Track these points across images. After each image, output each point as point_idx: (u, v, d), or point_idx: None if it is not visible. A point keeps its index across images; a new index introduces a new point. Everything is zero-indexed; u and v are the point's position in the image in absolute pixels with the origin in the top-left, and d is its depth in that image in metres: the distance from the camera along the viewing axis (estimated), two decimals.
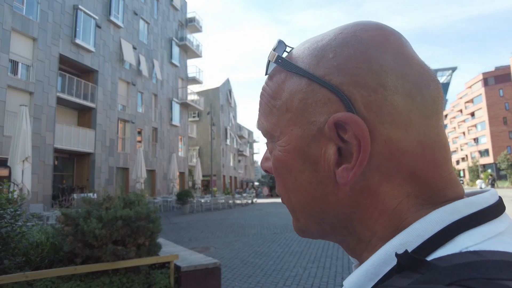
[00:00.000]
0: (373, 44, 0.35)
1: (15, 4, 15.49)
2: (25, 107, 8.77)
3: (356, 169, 0.33)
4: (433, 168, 0.34)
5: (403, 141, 0.33)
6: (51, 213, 11.01)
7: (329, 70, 0.35)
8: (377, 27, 0.37)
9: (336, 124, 0.34)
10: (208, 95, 42.00)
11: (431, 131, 0.35)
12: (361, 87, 0.34)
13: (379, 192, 0.34)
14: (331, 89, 0.35)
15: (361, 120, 0.33)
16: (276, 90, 0.40)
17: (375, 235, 0.35)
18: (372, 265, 0.32)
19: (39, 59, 16.47)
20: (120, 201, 4.78)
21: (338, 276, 5.94)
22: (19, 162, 8.31)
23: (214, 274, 4.96)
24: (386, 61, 0.34)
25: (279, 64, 0.39)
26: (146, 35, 26.52)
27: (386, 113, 0.33)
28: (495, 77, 63.92)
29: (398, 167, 0.34)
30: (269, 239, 9.96)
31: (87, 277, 4.29)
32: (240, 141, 53.79)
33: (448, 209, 0.32)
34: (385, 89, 0.33)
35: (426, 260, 0.28)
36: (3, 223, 4.31)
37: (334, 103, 0.34)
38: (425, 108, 0.34)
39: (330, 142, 0.35)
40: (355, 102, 0.34)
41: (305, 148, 0.37)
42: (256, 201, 31.25)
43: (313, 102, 0.36)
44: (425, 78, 0.36)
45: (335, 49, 0.36)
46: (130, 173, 21.92)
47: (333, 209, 0.37)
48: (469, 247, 0.29)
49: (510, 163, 51.85)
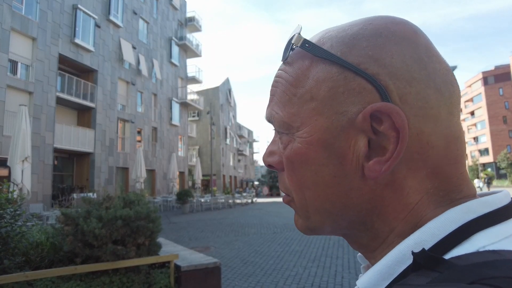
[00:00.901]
0: (406, 37, 0.35)
1: (14, 3, 15.47)
2: (24, 107, 8.76)
3: (391, 161, 0.32)
4: (454, 164, 0.34)
5: (433, 135, 0.33)
6: (51, 213, 11.01)
7: (363, 59, 0.34)
8: (406, 22, 0.37)
9: (372, 115, 0.33)
10: (208, 95, 41.98)
11: (455, 127, 0.35)
12: (396, 79, 0.33)
13: (404, 186, 0.34)
14: (368, 78, 0.33)
15: (401, 111, 0.32)
16: (298, 76, 0.37)
17: (393, 231, 0.35)
18: (386, 264, 0.32)
19: (38, 58, 16.45)
20: (120, 200, 4.78)
21: (338, 275, 5.94)
22: (19, 162, 8.30)
23: (214, 274, 4.96)
24: (419, 55, 0.34)
25: (305, 49, 0.36)
26: (146, 34, 26.50)
27: (419, 106, 0.33)
28: (495, 76, 63.93)
29: (425, 161, 0.33)
30: (269, 239, 9.96)
31: (87, 277, 4.29)
32: (240, 141, 53.78)
33: (463, 208, 0.32)
34: (419, 82, 0.33)
35: (444, 259, 0.28)
36: (3, 223, 4.31)
37: (369, 93, 0.33)
38: (451, 104, 0.35)
39: (361, 133, 0.34)
40: (391, 93, 0.33)
41: (331, 140, 0.35)
42: (256, 200, 31.25)
43: (345, 91, 0.34)
44: (450, 76, 0.36)
45: (368, 39, 0.35)
46: (130, 172, 21.91)
47: (355, 204, 0.35)
48: (486, 246, 0.28)
49: (510, 162, 51.91)
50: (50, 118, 16.84)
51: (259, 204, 26.91)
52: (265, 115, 0.42)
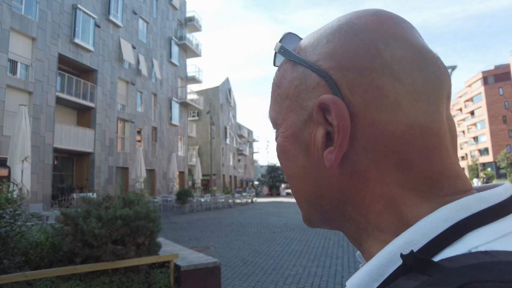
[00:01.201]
0: (365, 29, 0.35)
1: (14, 3, 15.46)
2: (24, 107, 8.75)
3: (337, 151, 0.33)
4: (425, 157, 0.33)
5: (390, 124, 0.33)
6: (50, 213, 11.01)
7: (320, 56, 0.36)
8: (374, 12, 0.37)
9: (321, 107, 0.35)
10: (208, 94, 41.98)
11: (423, 117, 0.33)
12: (347, 71, 0.34)
13: (368, 177, 0.34)
14: (319, 74, 0.36)
15: (340, 101, 0.33)
16: (280, 79, 0.41)
17: (370, 223, 0.34)
18: (376, 265, 0.31)
19: (38, 58, 16.45)
20: (120, 200, 4.78)
21: (338, 275, 5.94)
22: (19, 162, 8.29)
23: (214, 273, 4.96)
24: (375, 44, 0.34)
25: (281, 54, 0.41)
26: (146, 34, 26.49)
27: (371, 96, 0.33)
28: (495, 76, 63.98)
29: (385, 151, 0.33)
30: (269, 238, 9.97)
31: (87, 277, 4.29)
32: (240, 140, 53.77)
33: (457, 205, 0.30)
34: (371, 72, 0.33)
35: (433, 261, 0.27)
36: (3, 223, 4.31)
37: (322, 87, 0.35)
38: (417, 92, 0.33)
39: (319, 125, 0.36)
40: (341, 86, 0.34)
41: (299, 133, 0.38)
42: (256, 200, 31.25)
43: (305, 88, 0.37)
44: (419, 62, 0.34)
45: (328, 36, 0.37)
46: (130, 172, 21.91)
47: (326, 193, 0.37)
48: (479, 246, 0.27)
49: (509, 162, 51.92)
50: (50, 118, 16.83)
51: (259, 204, 26.91)
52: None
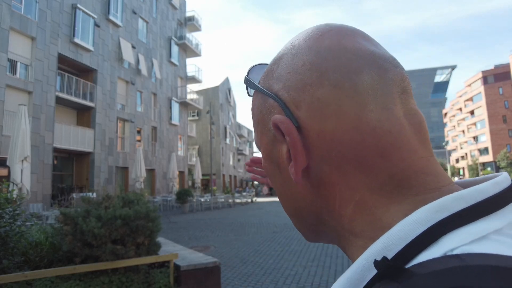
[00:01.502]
0: (302, 48, 0.38)
1: (13, 3, 15.46)
2: (24, 107, 8.75)
3: (295, 164, 0.35)
4: (382, 157, 0.33)
5: (337, 130, 0.34)
6: (50, 213, 11.00)
7: (272, 81, 0.39)
8: (314, 28, 0.40)
9: (276, 127, 0.37)
10: (208, 94, 41.97)
11: (370, 117, 0.33)
12: (292, 90, 0.37)
13: (333, 182, 0.35)
14: (272, 97, 0.38)
15: (285, 119, 0.35)
16: (252, 107, 0.44)
17: (344, 228, 0.35)
18: (356, 271, 0.30)
19: (37, 58, 16.44)
20: (119, 200, 4.78)
21: (338, 274, 5.93)
22: (18, 162, 8.29)
23: (213, 273, 4.96)
24: (310, 60, 0.36)
25: (246, 84, 0.45)
26: (145, 34, 26.48)
27: (314, 108, 0.35)
28: (495, 75, 63.97)
29: (341, 156, 0.34)
30: (269, 238, 9.97)
31: (86, 277, 4.28)
32: (240, 140, 53.77)
33: (433, 207, 0.29)
34: (311, 86, 0.35)
35: (403, 268, 0.26)
36: (2, 223, 4.31)
37: (276, 109, 0.38)
38: (358, 94, 0.34)
39: (282, 143, 0.38)
40: (289, 104, 0.36)
41: (271, 154, 0.40)
42: (256, 200, 31.26)
43: (266, 112, 0.40)
44: (358, 65, 0.35)
45: (277, 61, 0.40)
46: (130, 172, 21.92)
47: (303, 207, 0.39)
48: (455, 249, 0.26)
49: (509, 161, 51.96)
50: (49, 118, 16.82)
51: (259, 203, 26.91)
52: None
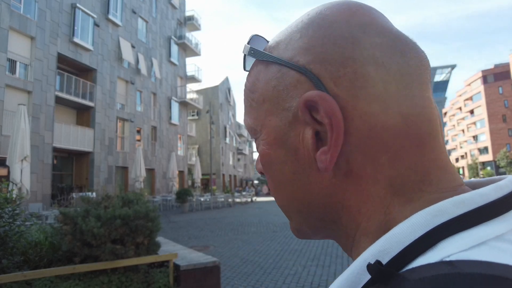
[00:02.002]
0: (337, 19, 0.34)
1: (12, 2, 15.43)
2: (23, 106, 8.75)
3: (332, 150, 0.31)
4: (418, 147, 0.31)
5: (382, 114, 0.31)
6: (50, 212, 11.00)
7: (296, 51, 0.34)
8: (343, 2, 0.36)
9: (307, 105, 0.32)
10: (207, 94, 41.96)
11: (415, 103, 0.32)
12: (328, 63, 0.32)
13: (363, 175, 0.32)
14: (298, 70, 0.33)
15: (328, 96, 0.31)
16: (253, 83, 0.39)
17: (359, 228, 0.33)
18: (352, 273, 0.29)
19: (37, 58, 16.42)
20: (119, 200, 4.77)
21: (338, 274, 5.94)
22: (18, 162, 8.29)
23: (213, 273, 4.96)
24: (352, 33, 0.33)
25: (251, 56, 0.38)
26: (145, 33, 26.46)
27: (358, 87, 0.31)
28: (494, 75, 63.99)
29: (381, 145, 0.31)
30: (268, 237, 9.97)
31: (86, 276, 4.28)
32: (240, 140, 53.78)
33: (433, 210, 0.28)
34: (354, 61, 0.32)
35: (395, 273, 0.26)
36: (2, 223, 4.31)
37: (304, 84, 0.33)
38: (403, 78, 0.32)
39: (306, 126, 0.33)
40: (324, 80, 0.32)
41: (284, 137, 0.35)
42: (256, 199, 31.29)
43: (284, 87, 0.34)
44: (399, 47, 0.33)
45: (301, 30, 0.35)
46: (130, 172, 21.91)
47: (318, 199, 0.34)
48: (452, 255, 0.25)
49: (509, 161, 52.00)
50: (49, 118, 16.81)
51: (259, 203, 26.92)
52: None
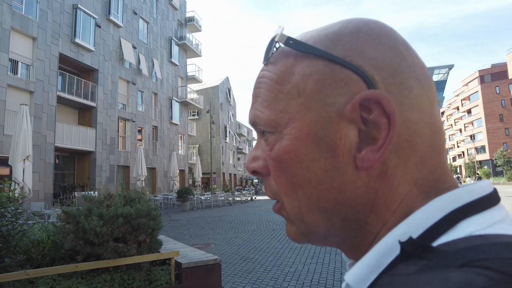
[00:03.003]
0: (384, 33, 0.36)
1: (14, 3, 15.47)
2: (25, 106, 8.80)
3: (384, 148, 0.32)
4: (438, 153, 0.35)
5: (419, 123, 0.34)
6: (52, 211, 11.06)
7: (348, 52, 0.35)
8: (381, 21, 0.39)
9: (361, 104, 0.33)
10: (208, 94, 41.97)
11: (437, 117, 0.36)
12: (381, 69, 0.34)
13: (395, 176, 0.34)
14: (354, 69, 0.34)
15: (390, 97, 0.32)
16: (282, 74, 0.37)
17: (386, 224, 0.34)
18: (374, 256, 0.31)
19: (39, 58, 16.47)
20: (121, 198, 4.82)
21: (337, 271, 5.99)
22: (20, 161, 8.34)
23: (214, 271, 5.01)
24: (398, 48, 0.36)
25: (290, 46, 0.37)
26: (146, 34, 26.48)
27: (404, 95, 0.34)
28: (492, 75, 63.73)
29: (413, 149, 0.34)
30: (268, 236, 10.01)
31: (88, 275, 4.33)
32: (240, 139, 53.78)
33: (449, 197, 0.32)
34: (401, 73, 0.34)
35: (432, 246, 0.28)
36: (4, 222, 4.35)
37: (356, 83, 0.34)
38: (431, 95, 0.36)
39: (350, 124, 0.34)
40: (377, 83, 0.33)
41: (321, 133, 0.34)
42: (256, 198, 31.28)
43: (332, 83, 0.34)
44: (427, 70, 0.38)
45: (350, 34, 0.36)
46: (131, 171, 21.96)
47: (349, 199, 0.34)
48: (473, 232, 0.28)
49: (506, 160, 51.90)
50: (51, 117, 16.86)
51: (259, 201, 26.92)
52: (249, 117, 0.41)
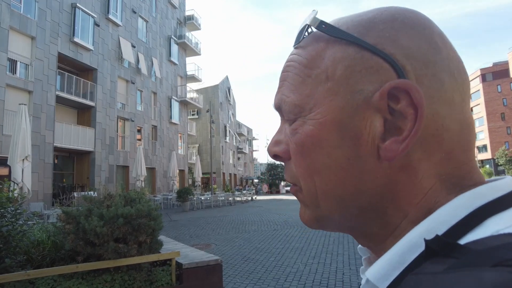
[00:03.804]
0: (421, 23, 0.35)
1: (12, 2, 15.43)
2: (24, 106, 8.77)
3: (409, 140, 0.32)
4: (466, 150, 0.34)
5: (448, 118, 0.33)
6: (51, 212, 11.03)
7: (380, 39, 0.34)
8: (418, 11, 0.37)
9: (392, 92, 0.33)
10: (207, 93, 41.95)
11: (468, 113, 0.35)
12: (413, 60, 0.33)
13: (418, 169, 0.33)
14: (385, 57, 0.33)
15: (419, 88, 0.32)
16: (312, 58, 0.37)
17: (407, 216, 0.34)
18: (397, 253, 0.31)
19: (37, 57, 16.43)
20: (121, 199, 4.79)
21: (339, 272, 5.96)
22: (19, 161, 8.31)
23: (215, 271, 4.98)
24: (434, 40, 0.35)
25: (322, 30, 0.36)
26: (145, 33, 26.44)
27: (435, 88, 0.33)
28: (493, 73, 63.87)
29: (439, 144, 0.33)
30: (269, 236, 9.99)
31: (89, 275, 4.30)
32: (240, 139, 53.78)
33: (473, 194, 0.31)
34: (434, 65, 0.33)
35: (460, 244, 0.27)
36: (4, 222, 4.32)
37: (386, 71, 0.33)
38: (464, 91, 0.35)
39: (377, 113, 0.33)
40: (408, 73, 0.33)
41: (347, 120, 0.34)
42: (256, 198, 31.30)
43: (362, 69, 0.34)
44: (462, 65, 0.36)
45: (384, 22, 0.35)
46: (130, 171, 21.93)
47: (369, 188, 0.34)
48: (500, 230, 0.27)
49: (508, 159, 51.97)
50: (50, 117, 16.83)
51: (259, 201, 26.93)
52: (274, 102, 0.41)
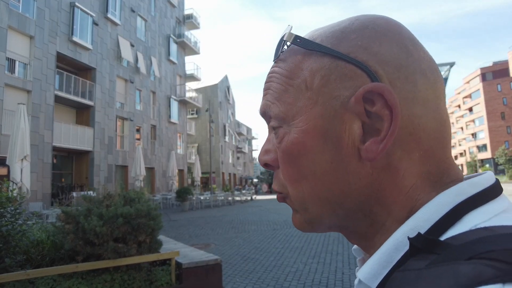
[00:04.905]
0: (391, 29, 0.37)
1: (11, 1, 15.38)
2: (23, 106, 8.74)
3: (387, 140, 0.33)
4: (443, 147, 0.36)
5: (423, 117, 0.35)
6: (50, 211, 11.01)
7: (353, 48, 0.36)
8: (389, 17, 0.39)
9: (364, 97, 0.34)
10: (207, 92, 41.92)
11: (443, 111, 0.37)
12: (385, 65, 0.35)
13: (399, 168, 0.35)
14: (358, 64, 0.35)
15: (392, 89, 0.33)
16: (292, 69, 0.39)
17: (391, 215, 0.35)
18: (384, 252, 0.33)
19: (36, 57, 16.39)
20: (121, 198, 4.78)
21: (339, 271, 5.96)
22: (18, 161, 8.29)
23: (215, 271, 4.97)
24: (404, 44, 0.36)
25: (297, 44, 0.38)
26: (144, 32, 26.40)
27: (408, 90, 0.34)
28: (493, 72, 64.00)
29: (417, 142, 0.34)
30: (269, 235, 9.99)
31: (89, 275, 4.30)
32: (239, 138, 53.77)
33: (454, 191, 0.33)
34: (407, 68, 0.35)
35: (439, 240, 0.29)
36: (4, 222, 4.31)
37: (360, 77, 0.35)
38: (437, 88, 0.37)
39: (355, 117, 0.35)
40: (381, 78, 0.34)
41: (327, 126, 0.36)
42: (256, 197, 31.32)
43: (337, 77, 0.35)
44: (434, 64, 0.38)
45: (355, 31, 0.37)
46: (129, 170, 21.91)
47: (354, 189, 0.36)
48: (478, 224, 0.29)
49: (508, 158, 52.04)
50: (48, 117, 16.79)
51: (259, 201, 26.94)
52: (260, 108, 0.43)
